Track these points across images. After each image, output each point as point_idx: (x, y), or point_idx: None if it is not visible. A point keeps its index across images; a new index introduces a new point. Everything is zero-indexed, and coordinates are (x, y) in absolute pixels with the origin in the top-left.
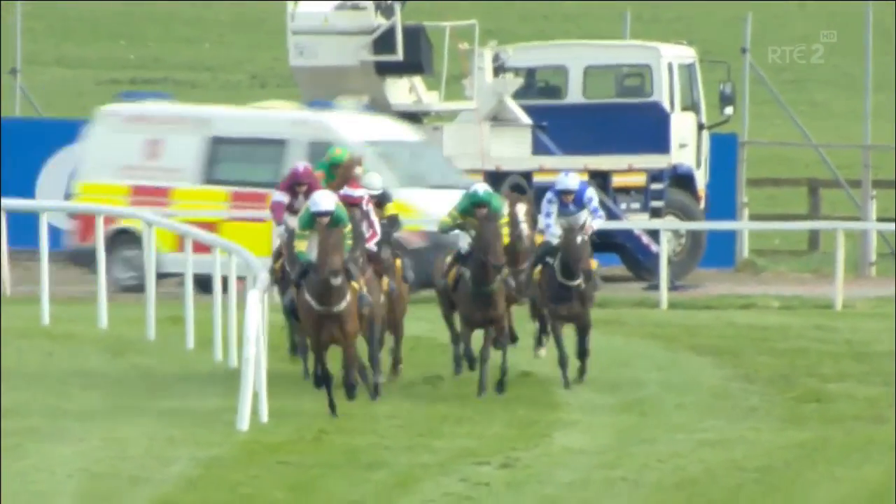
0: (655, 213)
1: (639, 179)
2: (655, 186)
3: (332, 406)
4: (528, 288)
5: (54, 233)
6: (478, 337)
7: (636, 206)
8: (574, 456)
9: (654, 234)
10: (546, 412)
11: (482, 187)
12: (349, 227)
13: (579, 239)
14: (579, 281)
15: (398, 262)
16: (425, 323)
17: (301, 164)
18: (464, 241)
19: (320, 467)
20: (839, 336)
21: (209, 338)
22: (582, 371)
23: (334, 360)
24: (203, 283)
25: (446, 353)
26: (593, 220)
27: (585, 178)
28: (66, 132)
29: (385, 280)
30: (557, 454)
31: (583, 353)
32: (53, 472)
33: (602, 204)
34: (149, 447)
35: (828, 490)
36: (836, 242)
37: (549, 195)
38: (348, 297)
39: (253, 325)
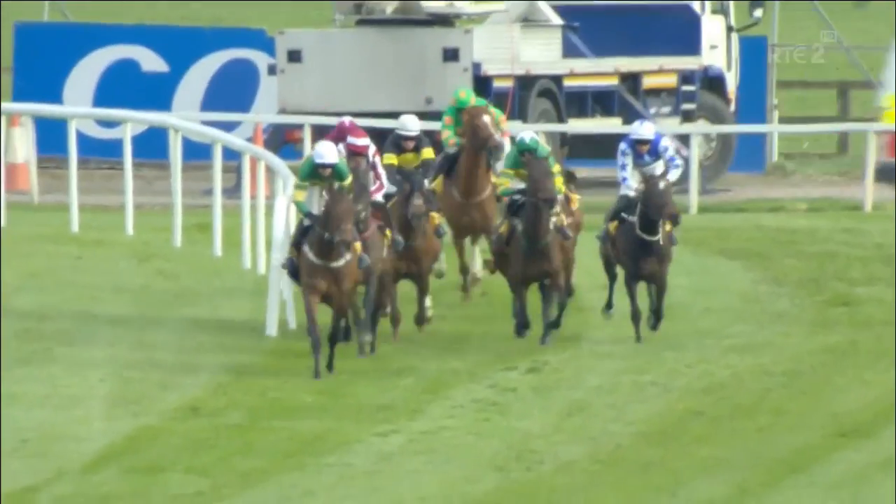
0: (687, 117)
1: (670, 80)
2: (687, 88)
3: (329, 365)
4: (606, 243)
5: (82, 140)
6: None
7: (667, 109)
8: (602, 361)
9: (684, 139)
10: (574, 317)
11: (528, 135)
12: (349, 181)
13: (662, 185)
14: (658, 237)
15: (433, 214)
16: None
17: (347, 119)
18: (514, 184)
19: (348, 373)
20: (868, 239)
21: (237, 245)
22: (654, 326)
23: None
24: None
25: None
26: (671, 172)
27: (615, 80)
28: (92, 38)
29: (388, 233)
30: (585, 359)
31: (658, 315)
32: (84, 376)
33: (677, 154)
34: (178, 353)
35: (856, 394)
36: (866, 144)
37: (622, 146)
38: (348, 255)
39: (281, 232)
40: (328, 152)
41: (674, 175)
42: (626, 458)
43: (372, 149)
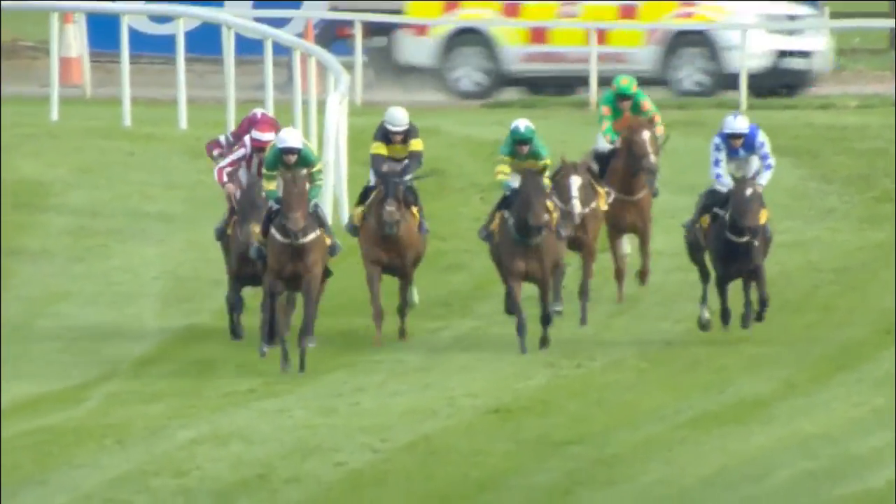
0: None
1: None
2: None
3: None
4: (692, 232)
5: (134, 36)
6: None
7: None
8: (656, 258)
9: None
10: None
11: (523, 123)
12: (318, 167)
13: (749, 192)
14: (747, 238)
15: (414, 209)
16: None
17: (259, 111)
18: (515, 181)
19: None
20: None
21: None
22: (759, 317)
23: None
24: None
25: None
26: (763, 174)
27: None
28: None
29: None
30: (634, 256)
31: (763, 303)
32: (137, 273)
33: None
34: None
35: None
36: None
37: (716, 140)
38: (317, 231)
39: (333, 128)
40: (292, 138)
41: (765, 178)
42: (675, 356)
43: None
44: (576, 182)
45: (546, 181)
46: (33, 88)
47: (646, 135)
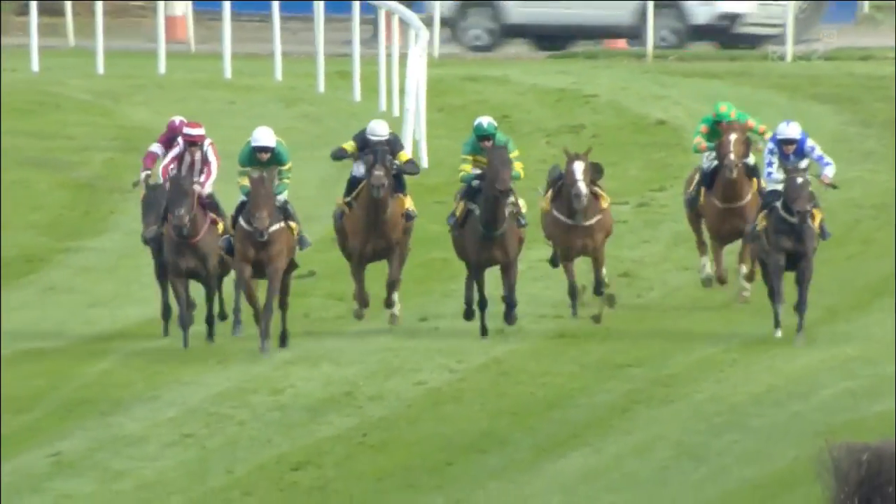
0: None
1: None
2: None
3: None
4: (752, 238)
5: None
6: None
7: None
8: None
9: None
10: (679, 156)
11: (486, 120)
12: (288, 166)
13: (800, 180)
14: (797, 219)
15: (403, 199)
16: None
17: (177, 118)
18: (474, 171)
19: None
20: None
21: (373, 90)
22: (799, 326)
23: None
24: None
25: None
26: (826, 168)
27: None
28: None
29: (220, 225)
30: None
31: (801, 304)
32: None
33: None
34: (322, 187)
35: None
36: None
37: (770, 145)
38: (281, 223)
39: (413, 79)
40: (265, 136)
41: (831, 171)
42: (727, 285)
43: (207, 140)
44: (580, 167)
45: (518, 167)
46: (142, 44)
47: (732, 136)
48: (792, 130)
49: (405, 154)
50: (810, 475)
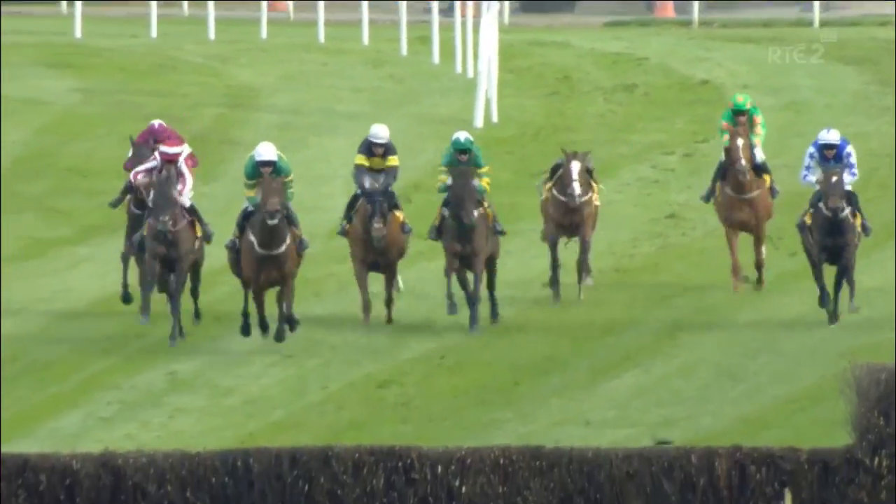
0: None
1: None
2: None
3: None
4: (804, 233)
5: None
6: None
7: None
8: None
9: None
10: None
11: (463, 135)
12: (291, 177)
13: (834, 178)
14: (845, 215)
15: (398, 213)
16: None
17: (157, 121)
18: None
19: (539, 156)
20: None
21: (451, 53)
22: (834, 316)
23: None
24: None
25: None
26: (847, 173)
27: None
28: None
29: (198, 228)
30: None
31: (839, 285)
32: (329, 160)
33: None
34: (403, 141)
35: None
36: None
37: (810, 149)
38: (288, 240)
39: (486, 43)
40: (267, 151)
41: (848, 179)
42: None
43: (184, 154)
44: (576, 167)
45: (484, 183)
46: (248, 13)
47: (739, 142)
48: (832, 136)
49: (394, 159)
50: (835, 392)
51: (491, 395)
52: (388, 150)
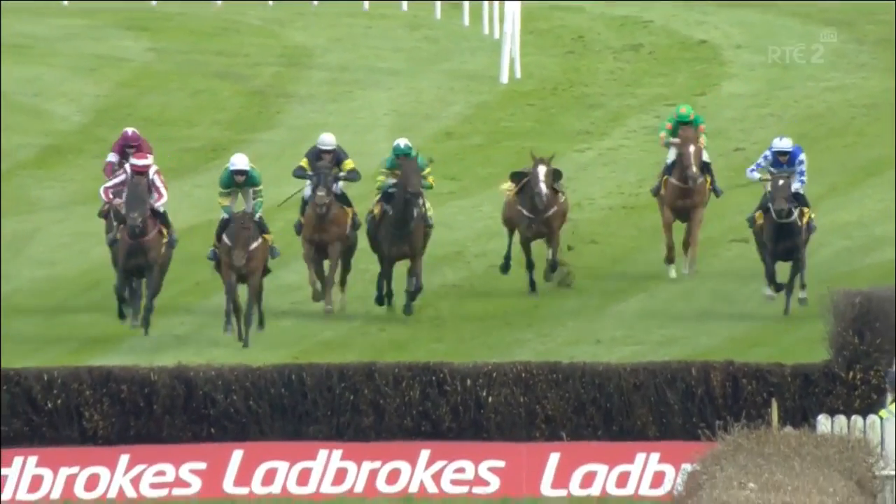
0: None
1: None
2: None
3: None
4: (754, 230)
5: None
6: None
7: None
8: (736, 99)
9: None
10: (716, 67)
11: (403, 141)
12: (261, 187)
13: (781, 181)
14: (793, 219)
15: (348, 210)
16: None
17: (130, 129)
18: (390, 180)
19: (557, 108)
20: None
21: (479, 16)
22: (803, 300)
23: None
24: None
25: None
26: (796, 180)
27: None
28: None
29: (165, 232)
30: (724, 98)
31: (803, 284)
32: (373, 110)
33: None
34: (436, 94)
35: None
36: None
37: (766, 153)
38: (259, 241)
39: (510, 8)
40: (240, 161)
41: (795, 185)
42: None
43: (153, 168)
44: (542, 170)
45: (430, 180)
46: None
47: (691, 148)
48: (785, 143)
49: (350, 162)
50: (815, 314)
51: (515, 317)
52: (338, 155)
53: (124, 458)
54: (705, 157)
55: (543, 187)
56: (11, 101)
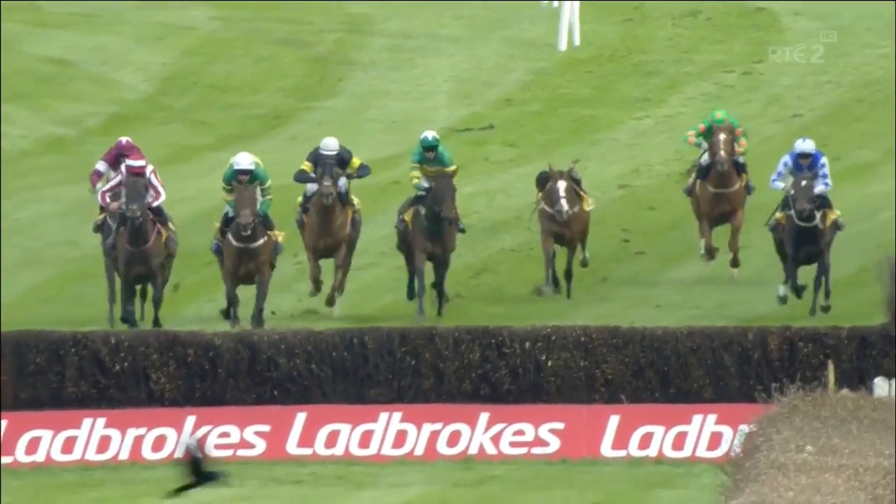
0: None
1: None
2: None
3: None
4: (776, 233)
5: None
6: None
7: None
8: (793, 66)
9: None
10: (773, 34)
11: (430, 133)
12: (268, 184)
13: (804, 182)
14: (815, 222)
15: (348, 209)
16: None
17: (124, 138)
18: (426, 182)
19: (615, 75)
20: None
21: None
22: (826, 308)
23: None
24: None
25: None
26: (819, 182)
27: None
28: None
29: (164, 233)
30: (781, 65)
31: (827, 293)
32: (433, 77)
33: None
34: (497, 61)
35: None
36: None
37: (785, 158)
38: (264, 238)
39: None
40: (244, 160)
41: (819, 188)
42: (808, 134)
43: (149, 168)
44: (562, 185)
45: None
46: None
47: (721, 136)
48: (808, 146)
49: (356, 160)
50: (872, 278)
51: (573, 281)
52: (343, 158)
53: (190, 420)
54: (741, 158)
55: (564, 204)
56: (79, 71)
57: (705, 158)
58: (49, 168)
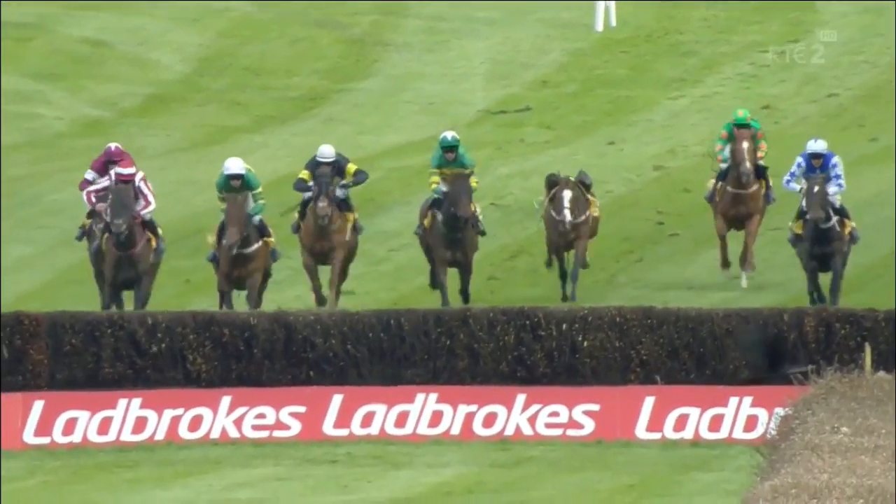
0: None
1: None
2: None
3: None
4: (796, 245)
5: None
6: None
7: None
8: (828, 46)
9: None
10: (809, 14)
11: (450, 134)
12: (259, 190)
13: (816, 187)
14: (832, 223)
15: (349, 215)
16: None
17: (113, 144)
18: (443, 186)
19: (651, 55)
20: None
21: None
22: (833, 300)
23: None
24: None
25: None
26: (832, 184)
27: None
28: None
29: (153, 240)
30: (814, 45)
31: (834, 296)
32: (469, 60)
33: None
34: (533, 42)
35: None
36: None
37: (798, 159)
38: (258, 243)
39: None
40: (235, 166)
41: (833, 189)
42: (845, 114)
43: (139, 175)
44: (567, 195)
45: (473, 182)
46: None
47: (745, 145)
48: (819, 146)
49: (352, 166)
50: None
51: (609, 262)
52: (339, 165)
53: (226, 400)
54: (761, 161)
55: (568, 215)
56: (116, 51)
57: (724, 165)
58: (85, 150)
